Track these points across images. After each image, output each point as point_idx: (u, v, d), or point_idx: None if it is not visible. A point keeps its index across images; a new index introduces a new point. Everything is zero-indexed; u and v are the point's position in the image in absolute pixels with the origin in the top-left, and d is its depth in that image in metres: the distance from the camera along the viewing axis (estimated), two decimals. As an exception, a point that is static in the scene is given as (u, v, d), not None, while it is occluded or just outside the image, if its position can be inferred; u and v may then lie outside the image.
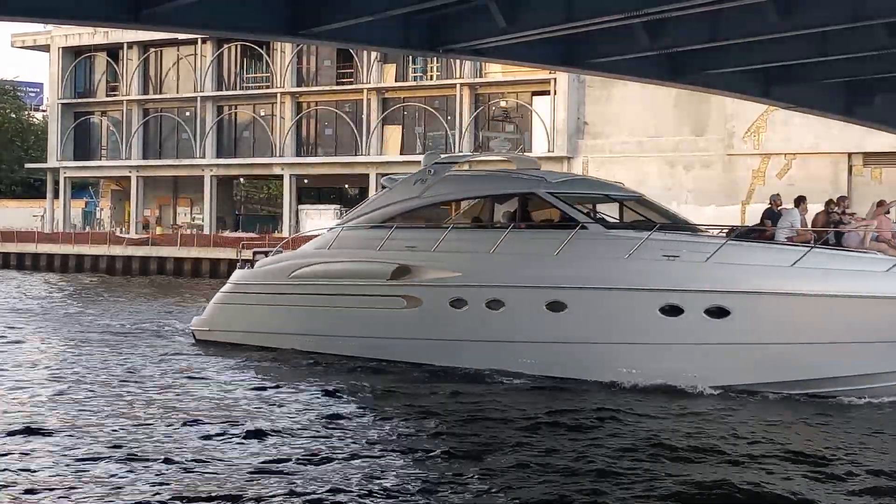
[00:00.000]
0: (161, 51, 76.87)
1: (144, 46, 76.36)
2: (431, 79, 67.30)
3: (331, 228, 26.59)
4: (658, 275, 19.38)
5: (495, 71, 62.56)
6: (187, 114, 75.88)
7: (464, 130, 64.10)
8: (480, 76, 64.22)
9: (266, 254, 27.75)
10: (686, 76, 27.83)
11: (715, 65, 27.13)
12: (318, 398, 19.40)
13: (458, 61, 62.13)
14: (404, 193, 24.41)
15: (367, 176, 67.39)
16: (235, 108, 75.23)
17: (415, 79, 67.96)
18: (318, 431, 16.34)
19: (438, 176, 23.92)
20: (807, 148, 52.91)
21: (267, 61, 72.59)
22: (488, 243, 21.86)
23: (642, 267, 19.55)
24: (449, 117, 65.28)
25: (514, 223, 22.23)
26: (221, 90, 74.79)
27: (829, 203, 22.29)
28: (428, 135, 67.41)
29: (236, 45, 73.12)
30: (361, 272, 23.69)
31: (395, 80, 68.00)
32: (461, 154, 27.92)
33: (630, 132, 58.40)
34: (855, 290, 17.81)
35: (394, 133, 68.59)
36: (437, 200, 24.29)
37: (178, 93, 76.55)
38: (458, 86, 64.42)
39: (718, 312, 18.78)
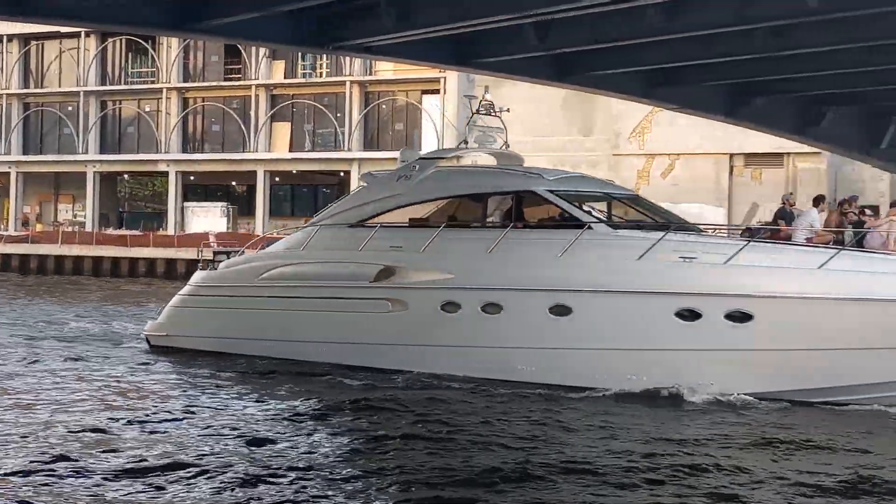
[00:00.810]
0: (43, 44, 74.85)
1: (25, 39, 74.28)
2: (321, 76, 66.89)
3: (304, 227, 24.95)
4: (674, 277, 18.33)
5: (385, 69, 62.50)
6: (69, 108, 74.00)
7: (353, 128, 63.87)
8: (370, 74, 64.10)
9: (228, 254, 26.32)
10: (574, 77, 28.12)
11: (602, 66, 27.47)
12: (292, 406, 18.20)
13: (348, 58, 61.83)
14: (386, 190, 23.03)
15: (254, 173, 66.63)
16: (120, 104, 73.64)
17: (304, 75, 67.46)
18: (299, 444, 15.31)
19: (424, 172, 22.62)
20: (691, 148, 54.05)
21: (153, 56, 71.23)
22: (485, 243, 20.55)
23: (657, 269, 18.48)
24: (339, 114, 64.97)
25: (512, 222, 20.95)
26: (105, 85, 73.16)
27: (842, 203, 21.03)
28: (317, 132, 66.97)
29: (121, 39, 71.60)
30: (341, 274, 22.25)
31: (284, 77, 67.40)
32: (447, 149, 25.59)
33: (519, 131, 58.81)
34: (888, 293, 16.85)
35: (282, 130, 67.96)
36: (425, 198, 22.62)
37: (60, 87, 74.64)
38: (347, 83, 64.18)
39: (740, 317, 17.72)
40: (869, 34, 23.90)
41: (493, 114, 24.69)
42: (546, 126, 57.71)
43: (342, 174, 65.35)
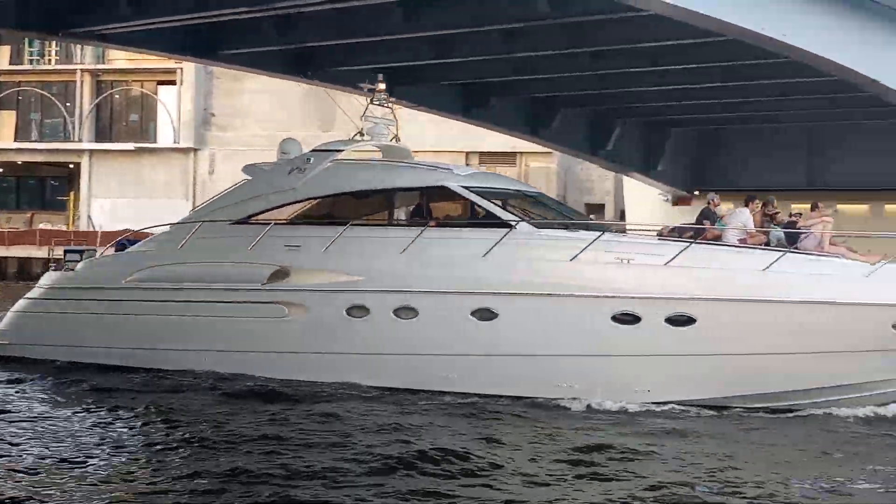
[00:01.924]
0: None
1: None
2: (49, 63, 63.85)
3: (178, 224, 22.42)
4: (611, 279, 17.42)
5: (119, 58, 60.33)
6: None
7: (84, 118, 61.33)
8: (103, 62, 61.74)
9: (80, 253, 23.06)
10: (312, 72, 28.15)
11: (342, 62, 27.65)
12: (155, 420, 16.52)
13: (79, 46, 59.31)
14: (276, 185, 20.95)
15: (-24, 164, 62.87)
16: None
17: (31, 62, 64.16)
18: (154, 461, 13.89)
19: (319, 165, 20.77)
20: (429, 146, 55.07)
21: None
22: (397, 243, 18.98)
23: (592, 271, 17.53)
24: (68, 104, 62.24)
25: (423, 220, 19.59)
26: None
27: (766, 204, 20.14)
28: (45, 122, 63.92)
29: None
30: (228, 275, 20.15)
31: (10, 63, 63.88)
32: (343, 141, 22.06)
33: (260, 125, 58.29)
34: (837, 296, 16.37)
35: (7, 119, 64.39)
36: (323, 193, 20.61)
37: None
38: (78, 71, 61.55)
39: (682, 321, 17.02)
40: (595, 40, 25.18)
41: (385, 105, 22.13)
42: (286, 120, 57.36)
43: (72, 166, 62.63)
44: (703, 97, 38.88)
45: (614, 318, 17.28)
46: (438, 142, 54.20)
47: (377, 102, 22.31)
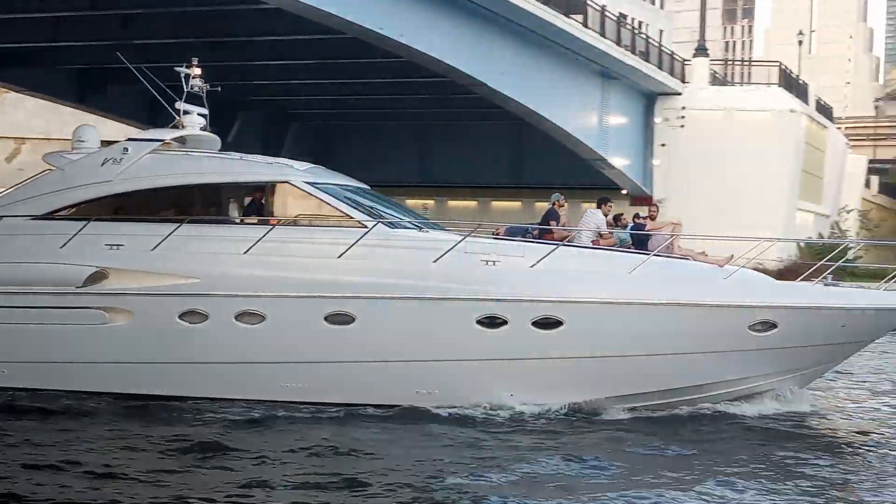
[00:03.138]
0: None
1: None
2: None
3: None
4: (477, 282, 16.77)
5: None
6: None
7: None
8: None
9: None
10: None
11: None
12: None
13: None
14: (87, 176, 18.58)
15: None
16: None
17: None
18: None
19: (138, 156, 18.58)
20: (38, 133, 52.28)
21: None
22: (240, 242, 17.44)
23: (456, 273, 16.79)
24: None
25: (264, 217, 18.10)
26: None
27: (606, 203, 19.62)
28: None
29: None
30: (35, 277, 17.84)
31: None
32: (163, 130, 18.57)
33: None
34: (698, 298, 16.51)
35: None
36: (147, 186, 18.51)
37: None
38: None
39: (549, 324, 16.65)
40: (214, 31, 24.96)
41: (197, 91, 20.10)
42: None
43: None
44: (323, 92, 39.72)
45: (480, 322, 16.64)
46: (48, 129, 51.58)
47: (195, 89, 20.20)
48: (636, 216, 19.28)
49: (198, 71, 19.46)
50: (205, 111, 19.59)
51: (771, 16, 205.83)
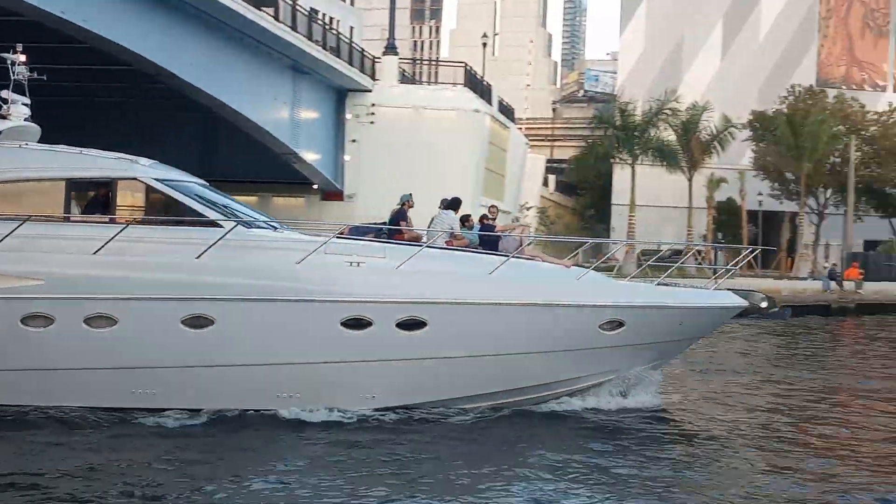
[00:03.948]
0: None
1: None
2: None
3: None
4: (341, 284, 16.38)
5: None
6: None
7: None
8: None
9: None
10: None
11: None
12: None
13: None
14: None
15: None
16: None
17: None
18: None
19: None
20: None
21: None
22: (88, 241, 16.14)
23: (321, 274, 16.35)
24: None
25: (111, 215, 16.80)
26: None
27: (459, 204, 19.72)
28: None
29: None
30: None
31: None
32: None
33: None
34: (556, 298, 16.81)
35: None
36: None
37: None
38: None
39: (413, 325, 16.40)
40: None
41: (21, 79, 18.39)
42: None
43: None
44: None
45: (344, 324, 16.38)
46: None
47: (19, 77, 18.17)
48: (484, 217, 19.67)
49: (23, 58, 18.42)
50: (28, 100, 18.60)
51: (456, 18, 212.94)
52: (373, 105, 53.13)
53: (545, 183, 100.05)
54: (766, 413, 17.84)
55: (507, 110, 66.34)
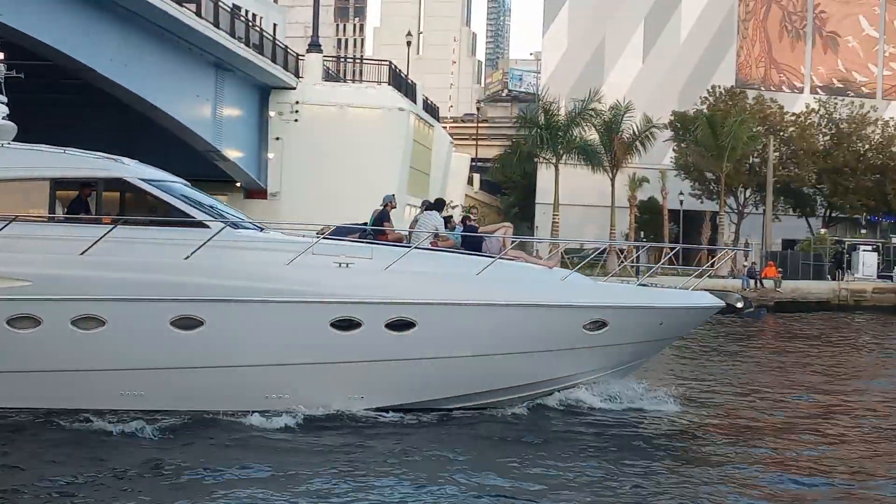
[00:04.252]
0: None
1: None
2: None
3: None
4: (331, 284, 16.40)
5: None
6: None
7: None
8: None
9: None
10: None
11: None
12: None
13: None
14: None
15: None
16: None
17: None
18: None
19: None
20: None
21: None
22: (75, 242, 16.00)
23: (311, 275, 16.36)
24: None
25: (96, 216, 16.84)
26: None
27: (430, 206, 19.68)
28: None
29: None
30: None
31: None
32: None
33: None
34: (541, 299, 16.97)
35: None
36: None
37: None
38: None
39: (402, 325, 16.49)
40: None
41: None
42: None
43: None
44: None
45: (333, 325, 16.41)
46: None
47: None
48: (466, 218, 19.92)
49: (1, 56, 18.45)
50: (5, 98, 18.50)
51: (381, 16, 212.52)
52: (297, 103, 52.78)
53: (470, 182, 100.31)
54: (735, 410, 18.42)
55: (431, 109, 66.39)
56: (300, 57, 54.77)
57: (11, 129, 18.30)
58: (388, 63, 58.08)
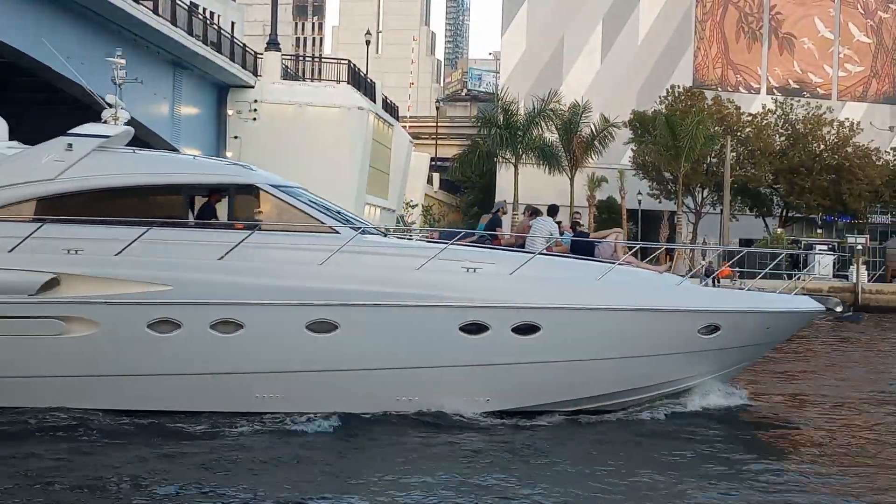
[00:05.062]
0: None
1: None
2: None
3: None
4: (460, 289, 16.71)
5: None
6: None
7: None
8: None
9: None
10: None
11: None
12: None
13: None
14: (28, 174, 16.99)
15: None
16: None
17: None
18: None
19: (83, 153, 17.10)
20: None
21: None
22: (213, 247, 16.49)
23: (441, 280, 16.68)
24: None
25: (229, 222, 17.29)
26: None
27: (535, 212, 19.77)
28: None
29: None
30: None
31: None
32: (104, 125, 17.94)
33: None
34: (661, 304, 17.27)
35: None
36: (98, 186, 17.04)
37: None
38: None
39: (527, 329, 16.72)
40: None
41: (120, 82, 18.66)
42: None
43: None
44: None
45: (462, 328, 16.72)
46: None
47: (118, 81, 18.56)
48: (577, 224, 20.22)
49: (123, 62, 18.84)
50: (122, 104, 18.77)
51: (339, 15, 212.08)
52: (255, 101, 52.51)
53: (429, 181, 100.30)
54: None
55: (391, 108, 66.28)
56: (258, 55, 54.48)
57: (129, 133, 18.50)
58: (347, 62, 57.92)
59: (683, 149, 65.48)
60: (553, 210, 19.94)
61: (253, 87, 52.53)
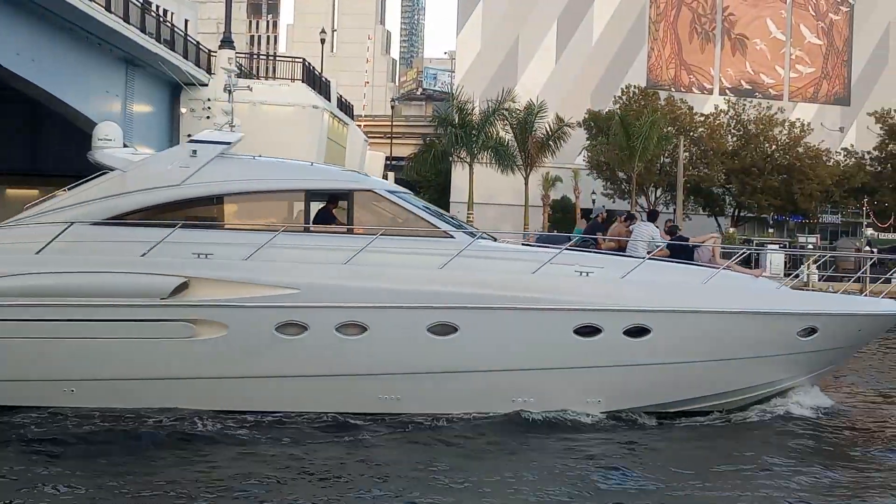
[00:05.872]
0: None
1: None
2: None
3: (25, 221, 17.78)
4: (574, 292, 17.15)
5: None
6: None
7: None
8: None
9: None
10: None
11: None
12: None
13: None
14: (156, 180, 17.57)
15: None
16: None
17: None
18: None
19: (206, 159, 17.73)
20: None
21: None
22: (338, 252, 17.00)
23: (555, 284, 17.11)
24: None
25: (350, 226, 17.79)
26: None
27: (630, 217, 20.65)
28: None
29: None
30: (115, 287, 16.58)
31: None
32: (226, 132, 18.50)
33: None
34: (765, 307, 17.66)
35: None
36: (223, 192, 17.71)
37: None
38: None
39: (638, 332, 17.16)
40: None
41: (231, 88, 19.14)
42: None
43: None
44: None
45: (576, 331, 17.08)
46: None
47: (231, 88, 19.07)
48: (674, 228, 20.61)
49: (236, 70, 19.32)
50: (230, 106, 19.26)
51: (294, 13, 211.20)
52: (209, 99, 52.10)
53: (384, 179, 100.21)
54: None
55: (346, 107, 66.13)
56: (212, 53, 54.11)
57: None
58: (301, 60, 57.69)
59: (637, 149, 65.97)
60: (653, 216, 20.55)
61: (207, 85, 52.17)
